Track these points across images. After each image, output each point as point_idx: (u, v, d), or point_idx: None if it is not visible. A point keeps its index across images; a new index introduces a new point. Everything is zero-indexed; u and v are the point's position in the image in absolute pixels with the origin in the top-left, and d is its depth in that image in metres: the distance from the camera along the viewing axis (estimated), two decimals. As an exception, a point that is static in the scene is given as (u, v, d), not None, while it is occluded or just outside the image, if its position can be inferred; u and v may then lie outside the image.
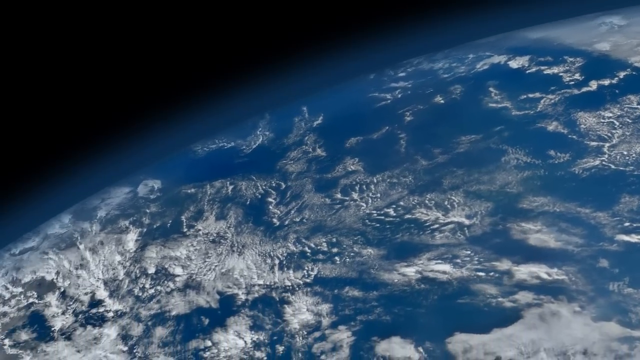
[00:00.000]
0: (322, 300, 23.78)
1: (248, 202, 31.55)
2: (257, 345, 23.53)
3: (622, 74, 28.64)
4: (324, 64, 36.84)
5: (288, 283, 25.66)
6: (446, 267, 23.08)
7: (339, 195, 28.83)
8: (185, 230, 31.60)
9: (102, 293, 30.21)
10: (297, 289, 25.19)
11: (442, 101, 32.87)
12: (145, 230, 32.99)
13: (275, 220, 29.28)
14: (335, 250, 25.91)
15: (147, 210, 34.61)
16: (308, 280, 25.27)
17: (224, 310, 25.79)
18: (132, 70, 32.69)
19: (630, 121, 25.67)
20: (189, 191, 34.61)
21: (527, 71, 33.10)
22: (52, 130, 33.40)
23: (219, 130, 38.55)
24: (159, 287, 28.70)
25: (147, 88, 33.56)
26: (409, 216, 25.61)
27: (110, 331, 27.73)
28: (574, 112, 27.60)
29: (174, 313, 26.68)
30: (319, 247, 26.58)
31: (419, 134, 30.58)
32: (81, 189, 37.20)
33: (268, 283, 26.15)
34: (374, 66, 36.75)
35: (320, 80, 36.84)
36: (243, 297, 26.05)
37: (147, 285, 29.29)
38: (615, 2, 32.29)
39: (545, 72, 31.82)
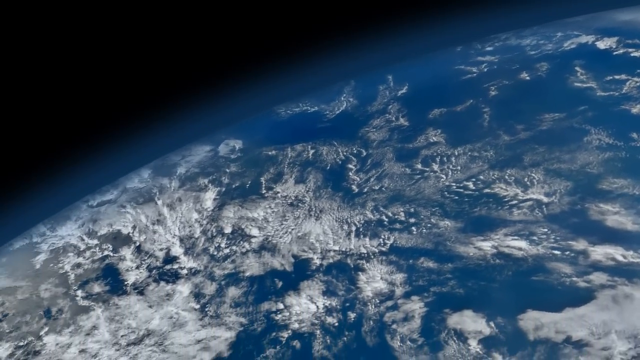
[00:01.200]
0: (397, 270, 30.29)
1: (328, 168, 40.07)
2: (329, 310, 29.71)
3: None
4: (412, 33, 44.52)
5: (363, 250, 32.98)
6: (522, 244, 29.24)
7: (419, 166, 36.64)
8: (263, 191, 40.41)
9: (177, 250, 38.50)
10: (372, 257, 32.37)
11: (527, 78, 39.89)
12: (223, 189, 42.23)
13: (354, 187, 37.49)
14: (412, 220, 33.31)
15: (227, 170, 44.04)
16: (384, 249, 32.53)
17: (298, 274, 32.51)
18: (222, 31, 42.13)
19: None
20: (269, 153, 43.88)
21: (614, 52, 39.38)
22: (139, 86, 43.58)
23: (304, 94, 47.41)
24: (234, 247, 36.81)
25: (235, 49, 42.92)
26: (488, 190, 32.61)
27: (183, 288, 34.86)
28: (659, 96, 32.89)
29: (247, 274, 33.83)
30: (396, 217, 34.11)
31: (502, 109, 37.60)
32: (162, 145, 47.21)
33: (343, 249, 33.57)
34: (462, 39, 43.98)
35: (407, 50, 44.65)
36: (318, 261, 32.96)
37: (222, 245, 37.53)
38: None
39: (632, 55, 37.96)
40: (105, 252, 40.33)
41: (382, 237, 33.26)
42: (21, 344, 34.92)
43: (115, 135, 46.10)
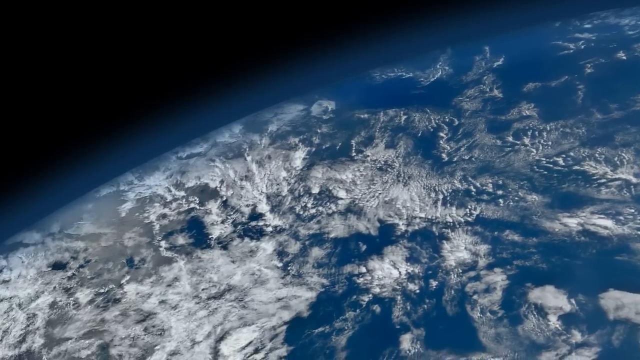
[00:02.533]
0: (481, 241, 34.03)
1: (419, 134, 45.33)
2: (411, 277, 33.67)
3: None
4: (513, 6, 48.86)
5: (449, 219, 37.11)
6: (608, 223, 31.98)
7: (510, 139, 41.21)
8: (353, 154, 45.83)
9: (263, 207, 43.08)
10: (457, 226, 35.94)
11: (624, 57, 43.73)
12: (313, 149, 48.07)
13: (444, 155, 42.40)
14: (500, 192, 37.36)
15: (318, 130, 49.99)
16: (469, 219, 36.34)
17: (383, 238, 36.63)
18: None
19: None
20: (361, 116, 49.55)
21: None
22: (236, 43, 49.84)
23: (400, 60, 52.96)
24: (320, 208, 40.96)
25: (337, 11, 48.51)
26: (577, 167, 36.78)
27: (267, 246, 39.38)
28: None
29: (332, 235, 38.13)
30: (484, 188, 38.46)
31: (597, 87, 41.67)
32: (255, 102, 53.75)
33: (429, 217, 37.21)
34: (561, 15, 48.02)
35: (505, 22, 49.13)
36: (403, 227, 36.95)
37: (309, 205, 41.76)
38: None
39: None
40: (192, 205, 46.02)
41: (469, 207, 36.95)
42: (102, 290, 40.70)
43: (208, 88, 52.09)
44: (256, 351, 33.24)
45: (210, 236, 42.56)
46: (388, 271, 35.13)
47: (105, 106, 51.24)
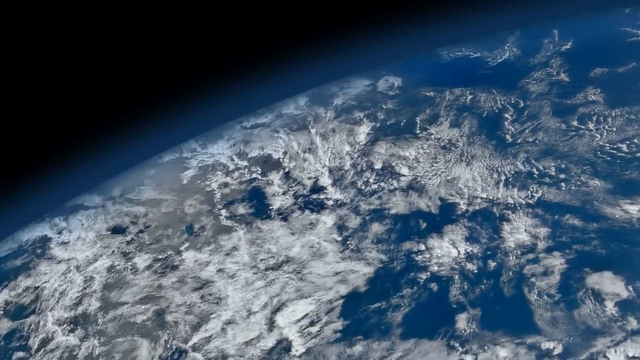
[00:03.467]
0: (541, 224, 35.37)
1: (484, 115, 47.74)
2: (469, 257, 35.21)
3: None
4: None
5: (510, 201, 38.09)
6: None
7: (575, 123, 43.40)
8: (417, 131, 48.38)
9: (325, 180, 45.11)
10: (518, 208, 37.09)
11: None
12: (378, 125, 50.69)
13: (508, 136, 44.76)
14: (562, 176, 38.52)
15: (384, 106, 52.62)
16: (530, 202, 37.40)
17: (443, 217, 38.29)
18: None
19: None
20: (427, 94, 52.03)
21: None
22: (304, 17, 52.69)
23: (468, 39, 55.28)
24: (382, 184, 42.64)
25: None
26: (641, 155, 37.72)
27: (327, 219, 41.25)
28: None
29: (393, 212, 39.78)
30: (546, 171, 40.13)
31: None
32: (322, 75, 56.53)
33: (491, 197, 38.71)
34: (631, 0, 49.59)
35: (575, 6, 50.91)
36: (464, 207, 38.51)
37: (371, 180, 43.47)
38: None
39: None
40: (254, 175, 48.74)
41: (531, 189, 38.39)
42: (160, 256, 43.20)
43: (276, 60, 54.84)
44: (312, 324, 34.86)
45: (270, 207, 44.85)
46: (447, 250, 36.66)
47: (172, 73, 54.34)
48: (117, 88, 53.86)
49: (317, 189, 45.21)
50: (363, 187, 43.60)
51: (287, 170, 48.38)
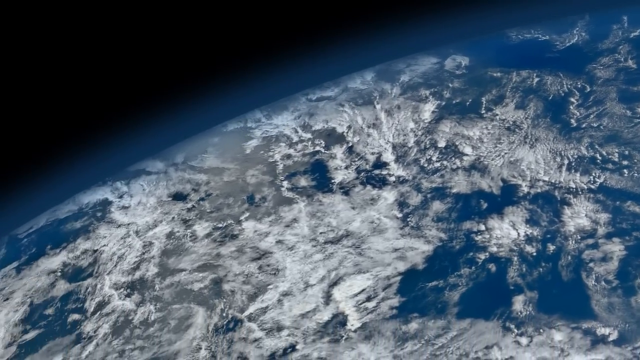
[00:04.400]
0: (602, 209, 36.14)
1: (550, 98, 49.33)
2: (529, 239, 35.92)
3: None
4: None
5: (572, 185, 38.48)
6: None
7: (640, 110, 43.68)
8: (482, 111, 50.10)
9: (388, 156, 46.33)
10: (579, 192, 37.68)
11: None
12: (443, 103, 52.52)
13: (573, 121, 46.33)
14: (625, 162, 38.99)
15: (450, 85, 54.46)
16: (592, 187, 37.95)
17: (504, 198, 39.05)
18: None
19: None
20: (494, 74, 53.73)
21: None
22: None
23: (537, 22, 56.80)
24: (445, 162, 43.73)
25: None
26: None
27: (389, 195, 42.39)
28: None
29: (454, 190, 40.90)
30: (610, 157, 39.95)
31: None
32: (389, 51, 58.75)
33: (553, 181, 39.35)
34: None
35: None
36: (525, 189, 39.22)
37: (434, 158, 44.54)
38: None
39: None
40: (317, 148, 50.09)
41: (593, 174, 39.05)
42: (220, 225, 44.65)
43: (344, 34, 57.14)
44: (368, 299, 35.80)
45: (332, 180, 46.19)
46: (507, 231, 37.42)
47: (242, 42, 57.27)
48: (186, 55, 56.79)
49: (379, 164, 46.48)
50: (426, 165, 44.83)
51: (350, 144, 49.66)
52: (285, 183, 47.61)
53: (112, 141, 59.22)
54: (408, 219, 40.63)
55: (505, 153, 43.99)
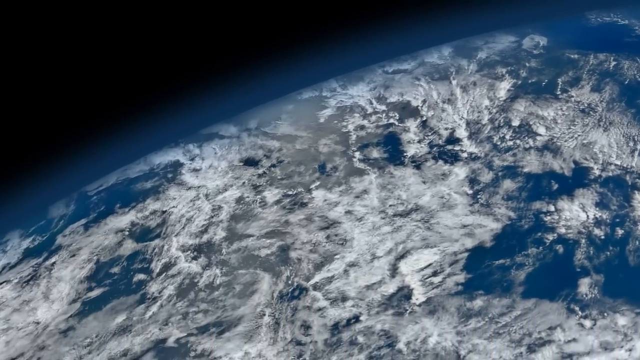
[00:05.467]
0: None
1: (626, 82, 50.06)
2: (598, 222, 37.00)
3: None
4: None
5: None
6: None
7: None
8: (558, 92, 51.54)
9: (461, 132, 48.23)
10: None
11: None
12: (519, 82, 54.18)
13: (646, 106, 47.14)
14: None
15: (527, 64, 56.12)
16: None
17: (575, 180, 40.27)
18: None
19: None
20: (571, 56, 55.21)
21: None
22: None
23: (617, 5, 58.58)
24: (518, 141, 45.19)
25: None
26: None
27: (460, 171, 44.05)
28: None
29: (526, 170, 42.06)
30: None
31: None
32: (468, 27, 61.16)
33: (625, 165, 40.34)
34: None
35: None
36: (597, 172, 40.27)
37: (507, 137, 46.11)
38: None
39: None
40: (391, 120, 52.17)
41: None
42: (290, 192, 46.88)
43: (421, 7, 60.01)
44: (434, 274, 37.05)
45: (404, 154, 48.05)
46: (576, 213, 38.42)
47: (320, 13, 60.12)
48: (266, 23, 60.17)
49: (452, 140, 48.05)
50: (498, 143, 46.01)
51: (424, 118, 51.45)
52: (357, 154, 49.21)
53: (186, 103, 62.06)
54: (478, 196, 41.74)
55: (579, 135, 44.82)
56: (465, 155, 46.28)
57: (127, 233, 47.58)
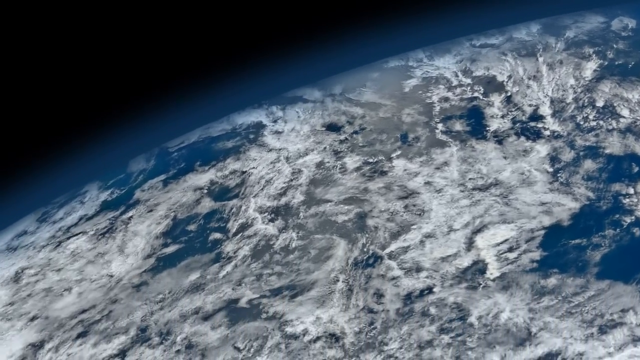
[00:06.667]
0: None
1: None
2: None
3: None
4: None
5: None
6: None
7: None
8: (644, 75, 52.09)
9: (545, 110, 49.24)
10: None
11: None
12: (606, 63, 54.99)
13: None
14: None
15: (614, 46, 57.20)
16: None
17: None
18: None
19: None
20: (660, 40, 55.13)
21: None
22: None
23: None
24: (601, 122, 45.89)
25: None
26: None
27: (542, 149, 44.74)
28: None
29: (607, 151, 42.57)
30: None
31: None
32: (558, 4, 63.48)
33: None
34: None
35: None
36: None
37: (590, 117, 46.92)
38: None
39: None
40: (475, 94, 53.63)
41: None
42: (370, 160, 48.29)
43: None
44: (510, 250, 37.59)
45: (487, 128, 49.20)
46: None
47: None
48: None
49: (536, 117, 48.97)
50: (581, 123, 46.82)
51: (509, 94, 52.58)
52: (440, 125, 50.81)
53: (272, 65, 65.08)
54: (558, 175, 42.53)
55: (664, 118, 43.67)
56: (547, 132, 47.14)
57: (205, 191, 49.74)
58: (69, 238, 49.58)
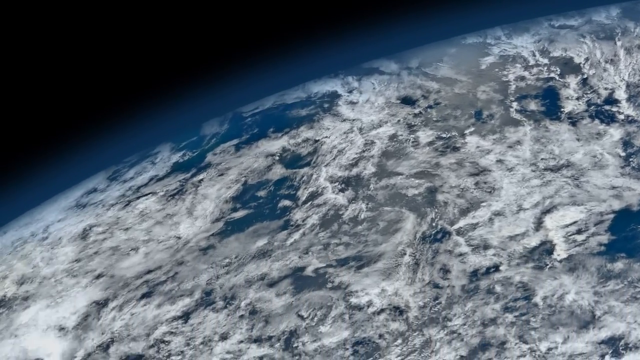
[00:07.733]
0: None
1: None
2: None
3: None
4: None
5: None
6: None
7: None
8: None
9: (621, 94, 48.80)
10: None
11: None
12: None
13: None
14: None
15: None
16: None
17: None
18: None
19: None
20: None
21: None
22: None
23: None
24: None
25: None
26: None
27: (615, 132, 44.68)
28: None
29: None
30: None
31: None
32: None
33: None
34: None
35: None
36: None
37: None
38: None
39: None
40: (552, 75, 53.28)
41: None
42: (444, 135, 48.71)
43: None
44: (578, 232, 37.56)
45: (562, 109, 49.30)
46: None
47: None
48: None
49: (611, 100, 48.94)
50: None
51: (585, 76, 52.50)
52: (514, 104, 50.90)
53: (350, 36, 65.29)
54: (630, 159, 42.50)
55: None
56: (622, 117, 47.22)
57: (277, 158, 50.37)
58: (138, 198, 51.11)
